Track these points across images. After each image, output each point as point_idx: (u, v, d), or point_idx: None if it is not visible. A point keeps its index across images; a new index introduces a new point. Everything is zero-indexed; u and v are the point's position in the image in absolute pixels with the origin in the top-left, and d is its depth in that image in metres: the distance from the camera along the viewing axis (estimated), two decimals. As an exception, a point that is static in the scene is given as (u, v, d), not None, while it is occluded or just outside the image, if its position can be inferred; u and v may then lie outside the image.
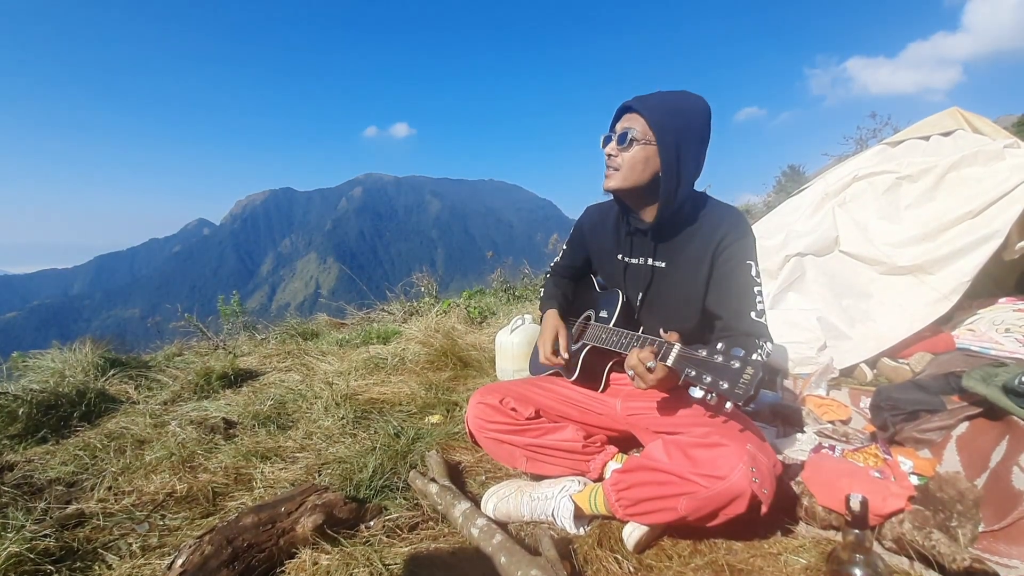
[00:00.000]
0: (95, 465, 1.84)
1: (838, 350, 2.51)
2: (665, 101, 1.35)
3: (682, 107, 1.35)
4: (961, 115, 2.71)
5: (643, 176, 1.37)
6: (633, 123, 1.35)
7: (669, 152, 1.32)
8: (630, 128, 1.35)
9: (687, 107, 1.35)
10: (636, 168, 1.36)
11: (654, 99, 1.35)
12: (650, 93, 1.38)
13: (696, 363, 1.13)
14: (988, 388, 1.63)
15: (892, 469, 1.48)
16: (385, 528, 1.40)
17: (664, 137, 1.32)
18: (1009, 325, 2.44)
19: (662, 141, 1.32)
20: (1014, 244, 2.39)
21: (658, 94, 1.37)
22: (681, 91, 1.38)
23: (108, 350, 3.07)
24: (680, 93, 1.37)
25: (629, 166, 1.36)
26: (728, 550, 1.28)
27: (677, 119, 1.33)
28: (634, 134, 1.34)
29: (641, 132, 1.34)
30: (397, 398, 2.46)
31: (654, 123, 1.32)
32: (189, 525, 1.48)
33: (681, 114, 1.34)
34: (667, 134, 1.32)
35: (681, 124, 1.33)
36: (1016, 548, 1.17)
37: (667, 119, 1.32)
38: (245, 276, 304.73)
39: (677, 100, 1.36)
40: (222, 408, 2.32)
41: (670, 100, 1.35)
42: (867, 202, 2.76)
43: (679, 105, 1.35)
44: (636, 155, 1.35)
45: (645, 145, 1.34)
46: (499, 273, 5.96)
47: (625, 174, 1.37)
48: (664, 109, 1.33)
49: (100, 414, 2.37)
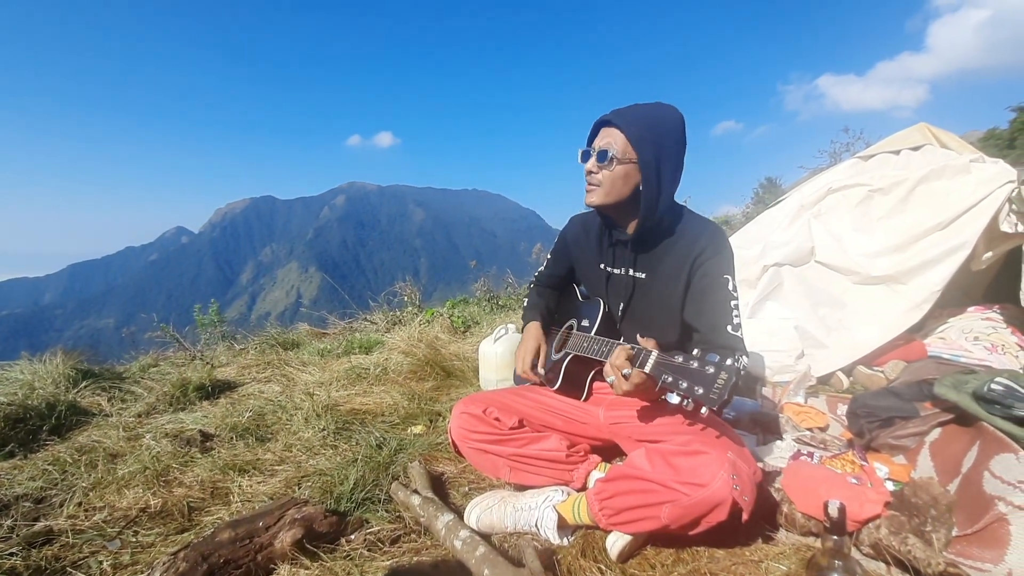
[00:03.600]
0: (65, 480, 1.78)
1: (815, 358, 2.56)
2: (643, 115, 1.36)
3: (659, 120, 1.36)
4: (929, 130, 2.80)
5: (624, 191, 1.38)
6: (612, 138, 1.36)
7: (649, 167, 1.34)
8: (610, 144, 1.36)
9: (664, 120, 1.36)
10: (617, 184, 1.37)
11: (632, 113, 1.36)
12: (627, 107, 1.39)
13: (672, 369, 1.15)
14: (959, 395, 1.67)
15: (869, 475, 1.51)
16: (366, 542, 1.38)
17: (644, 152, 1.33)
18: (978, 333, 2.52)
19: (642, 156, 1.34)
20: (981, 255, 2.47)
21: (635, 107, 1.38)
22: (656, 103, 1.39)
23: (80, 361, 2.98)
24: (656, 105, 1.39)
25: (610, 182, 1.37)
26: (710, 558, 1.29)
27: (656, 133, 1.34)
28: (614, 152, 1.35)
29: (621, 149, 1.35)
30: (379, 408, 2.43)
31: (633, 138, 1.33)
32: (163, 541, 1.44)
33: (659, 127, 1.35)
34: (647, 149, 1.33)
35: (659, 138, 1.34)
36: (989, 552, 1.19)
37: (646, 133, 1.33)
38: (224, 285, 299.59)
39: (654, 113, 1.37)
40: (199, 420, 2.27)
41: (648, 113, 1.36)
42: (841, 214, 2.84)
43: (656, 118, 1.36)
44: (617, 172, 1.36)
45: (626, 162, 1.35)
46: (483, 282, 5.96)
47: (607, 190, 1.38)
48: (643, 123, 1.34)
49: (71, 427, 2.30)
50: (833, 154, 10.88)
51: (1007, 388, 1.58)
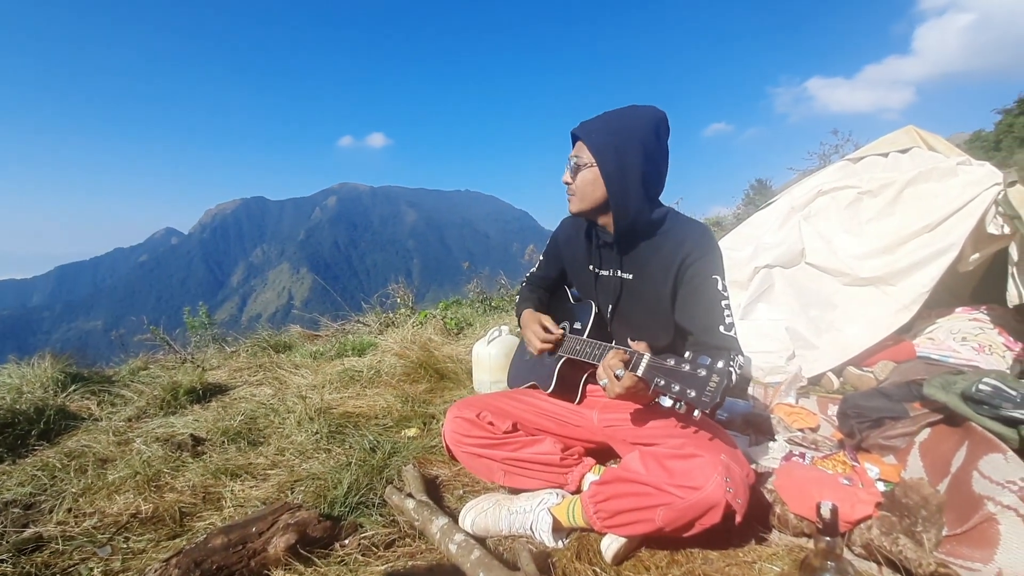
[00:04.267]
0: (54, 486, 1.76)
1: (806, 359, 2.59)
2: (603, 122, 1.42)
3: (622, 125, 1.40)
4: (917, 133, 2.83)
5: (596, 197, 1.44)
6: (579, 151, 1.45)
7: (610, 169, 1.39)
8: (577, 156, 1.44)
9: (628, 124, 1.40)
10: (588, 191, 1.44)
11: (593, 123, 1.43)
12: (595, 117, 1.46)
13: (665, 372, 1.16)
14: (948, 395, 1.69)
15: (860, 476, 1.52)
16: (361, 546, 1.38)
17: (604, 157, 1.39)
18: (965, 334, 2.55)
19: (601, 159, 1.39)
20: (968, 256, 2.50)
21: (599, 117, 1.44)
22: (627, 107, 1.44)
23: (69, 364, 2.94)
24: (624, 110, 1.43)
25: (582, 190, 1.45)
26: (704, 560, 1.30)
27: (617, 138, 1.38)
28: (579, 161, 1.43)
29: (586, 158, 1.42)
30: (373, 411, 2.42)
31: (593, 147, 1.40)
32: (155, 548, 1.42)
33: (621, 132, 1.39)
34: (606, 154, 1.39)
35: (621, 142, 1.38)
36: (978, 551, 1.21)
37: (606, 139, 1.39)
38: (215, 287, 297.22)
39: (618, 119, 1.41)
40: (190, 424, 2.24)
41: (609, 119, 1.42)
42: (831, 216, 2.86)
43: (619, 124, 1.40)
44: (585, 179, 1.43)
45: (590, 168, 1.42)
46: (475, 284, 5.94)
47: (581, 197, 1.46)
48: (603, 131, 1.40)
49: (60, 432, 2.27)
50: (823, 156, 10.99)
51: (995, 388, 1.60)
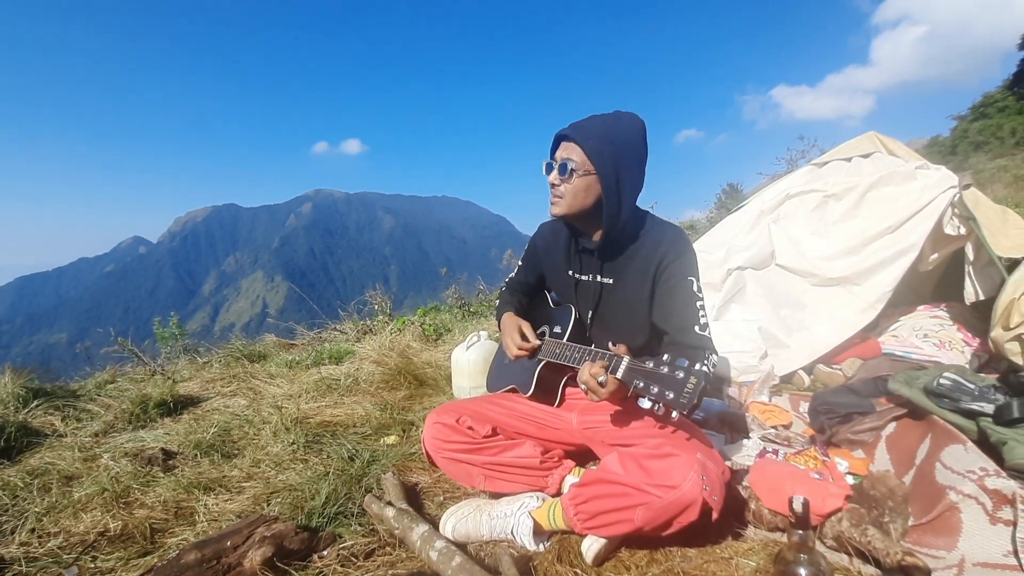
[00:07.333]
0: (16, 506, 1.69)
1: (778, 358, 2.65)
2: (601, 128, 1.38)
3: (618, 132, 1.38)
4: (878, 139, 2.94)
5: (586, 202, 1.41)
6: (571, 153, 1.39)
7: (609, 179, 1.37)
8: (569, 158, 1.39)
9: (623, 130, 1.38)
10: (579, 196, 1.41)
11: (590, 126, 1.39)
12: (585, 119, 1.41)
13: (644, 374, 1.18)
14: (911, 390, 1.76)
15: (830, 470, 1.57)
16: (340, 557, 1.36)
17: (603, 165, 1.36)
18: (927, 331, 2.65)
19: (601, 169, 1.36)
20: (928, 256, 2.61)
21: (593, 120, 1.40)
22: (615, 113, 1.42)
23: (31, 379, 2.84)
24: (614, 116, 1.41)
25: (572, 195, 1.41)
26: (683, 557, 1.32)
27: (614, 145, 1.36)
28: (573, 165, 1.38)
29: (580, 162, 1.38)
30: (351, 420, 2.39)
31: (592, 152, 1.36)
32: (124, 566, 1.38)
33: (617, 139, 1.37)
34: (606, 162, 1.36)
35: (618, 149, 1.37)
36: (942, 539, 1.26)
37: (605, 146, 1.36)
38: (185, 296, 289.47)
39: (613, 125, 1.39)
40: (160, 438, 2.18)
41: (606, 126, 1.38)
42: (799, 218, 2.95)
43: (615, 130, 1.38)
44: (577, 184, 1.39)
45: (585, 175, 1.38)
46: (454, 290, 5.93)
47: (569, 202, 1.42)
48: (600, 136, 1.37)
49: (22, 449, 2.18)
50: (790, 161, 11.33)
51: (954, 383, 1.67)
